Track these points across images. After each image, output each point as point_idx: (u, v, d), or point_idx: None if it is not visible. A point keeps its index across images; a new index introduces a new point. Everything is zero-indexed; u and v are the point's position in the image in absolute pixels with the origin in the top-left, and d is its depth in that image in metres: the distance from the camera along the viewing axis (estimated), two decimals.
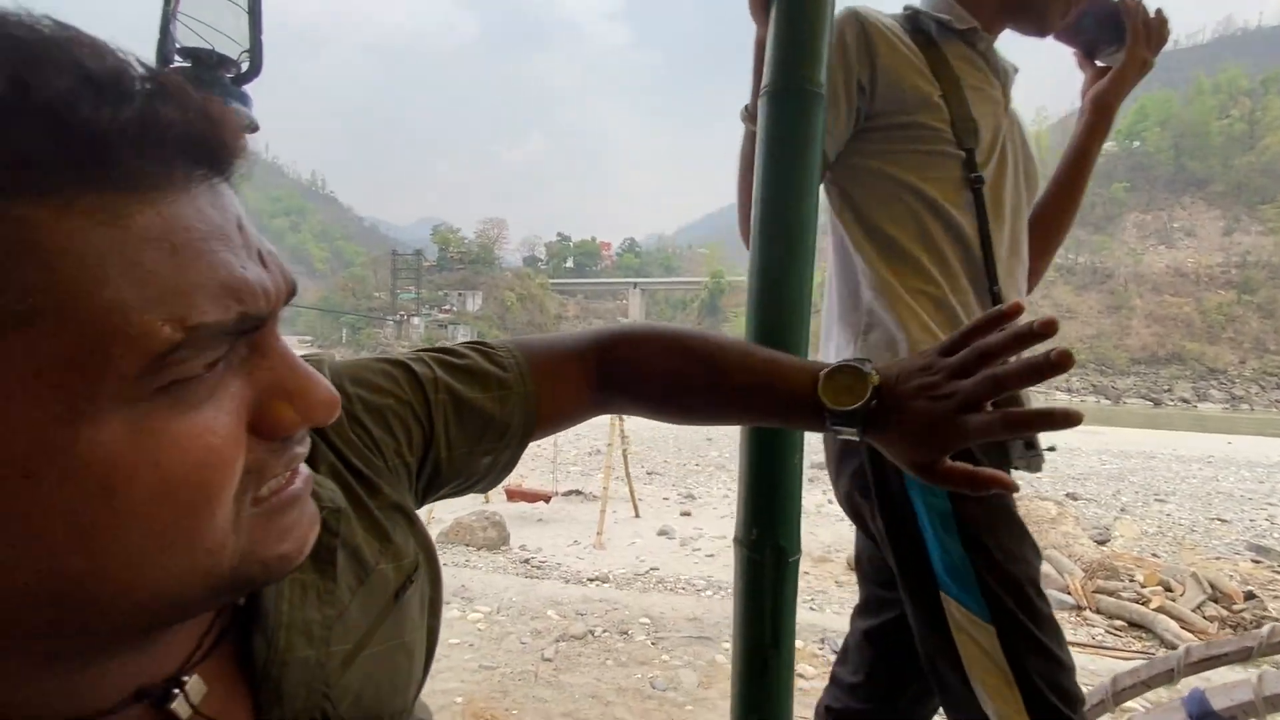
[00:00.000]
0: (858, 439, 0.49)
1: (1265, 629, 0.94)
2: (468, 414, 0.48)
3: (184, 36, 0.82)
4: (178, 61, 0.82)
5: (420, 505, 0.49)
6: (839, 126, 0.91)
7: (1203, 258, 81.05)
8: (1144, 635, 4.41)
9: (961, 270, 0.95)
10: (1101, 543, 6.85)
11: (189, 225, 0.23)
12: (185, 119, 0.24)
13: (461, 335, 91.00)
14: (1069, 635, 3.44)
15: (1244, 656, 0.92)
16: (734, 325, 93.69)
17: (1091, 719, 0.91)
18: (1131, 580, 5.56)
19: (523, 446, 0.53)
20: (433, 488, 0.49)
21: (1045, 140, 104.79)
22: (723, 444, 14.66)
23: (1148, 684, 0.88)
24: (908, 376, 0.47)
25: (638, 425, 11.71)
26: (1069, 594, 5.08)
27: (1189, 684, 0.92)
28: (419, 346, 0.52)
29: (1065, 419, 0.44)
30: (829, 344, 1.10)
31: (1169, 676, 0.89)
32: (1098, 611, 4.87)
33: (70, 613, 0.24)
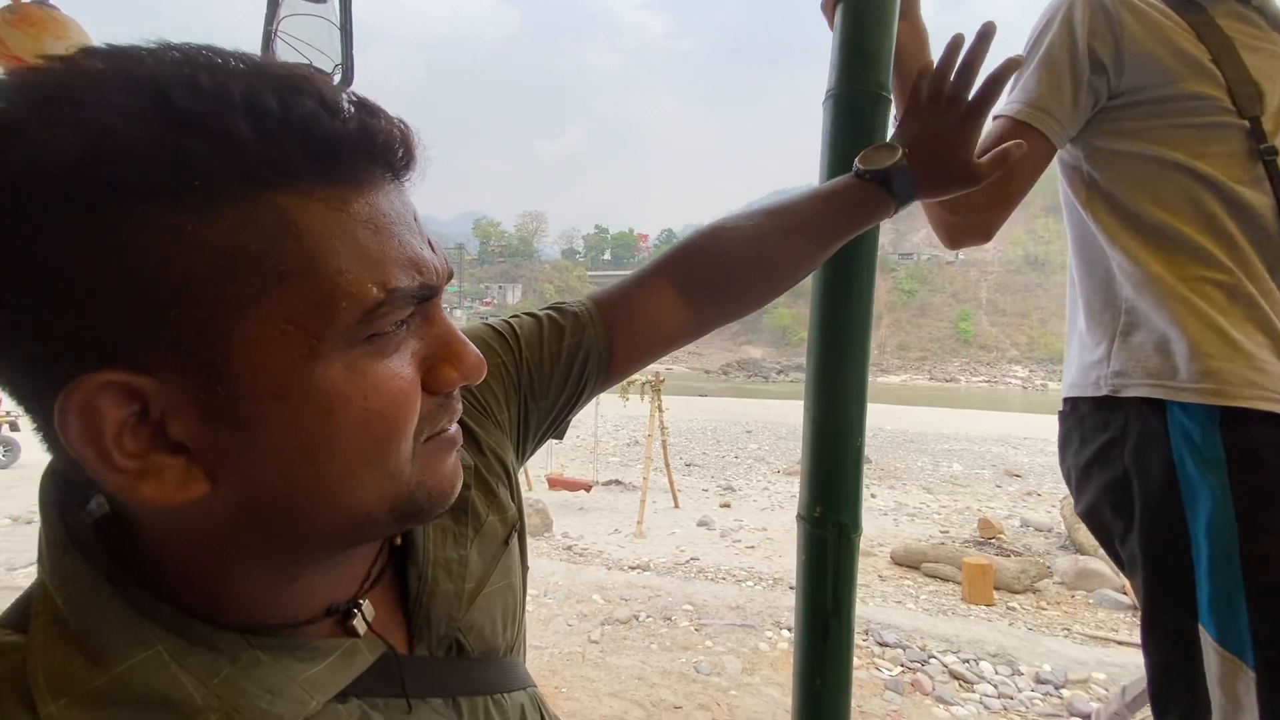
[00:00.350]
0: (911, 190, 0.60)
1: None
2: (551, 361, 0.54)
3: (284, 53, 0.90)
4: None
5: (522, 458, 0.55)
6: (1067, 112, 0.83)
7: None
8: None
9: (1256, 255, 0.81)
10: None
11: (387, 212, 0.30)
12: (387, 131, 0.30)
13: None
14: None
15: None
16: (774, 316, 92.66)
17: (1143, 702, 0.91)
18: None
19: (602, 388, 0.58)
20: (528, 440, 0.55)
21: None
22: (761, 437, 14.58)
23: None
24: (924, 120, 0.60)
25: (676, 417, 11.72)
26: (1125, 595, 4.91)
27: None
28: (504, 315, 0.57)
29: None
30: (1073, 352, 0.96)
31: None
32: None
33: (295, 518, 0.31)
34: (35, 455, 8.44)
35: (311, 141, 0.27)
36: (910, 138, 0.59)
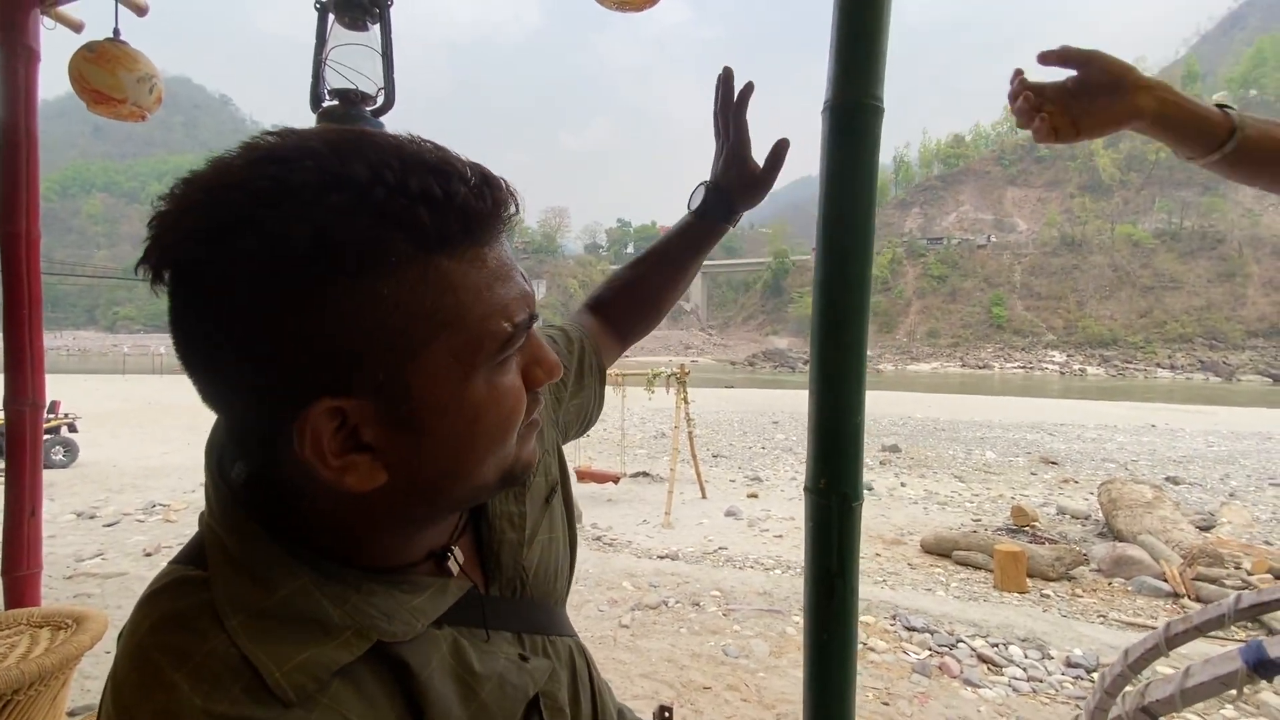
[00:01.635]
0: (730, 208, 0.79)
1: None
2: (569, 360, 0.69)
3: (333, 79, 0.99)
4: (328, 100, 0.99)
5: (564, 440, 0.68)
6: None
7: None
8: (1249, 625, 4.15)
9: None
10: (1205, 529, 6.41)
11: (504, 262, 0.39)
12: (503, 200, 0.39)
13: None
14: (1233, 624, 3.32)
15: None
16: (800, 305, 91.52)
17: (1144, 662, 0.94)
18: (1237, 568, 5.20)
19: (604, 383, 0.75)
20: (567, 425, 0.69)
21: None
22: (789, 427, 14.51)
23: (1200, 629, 0.91)
24: (717, 168, 0.80)
25: (702, 409, 11.75)
26: (1165, 581, 4.82)
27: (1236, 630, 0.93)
28: None
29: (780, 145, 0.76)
30: None
31: (1220, 622, 0.91)
32: (1197, 599, 4.60)
33: (438, 496, 0.41)
34: (91, 454, 8.87)
35: (466, 219, 0.36)
36: (718, 169, 0.80)
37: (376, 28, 1.01)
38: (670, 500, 6.60)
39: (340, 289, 0.33)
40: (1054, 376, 57.19)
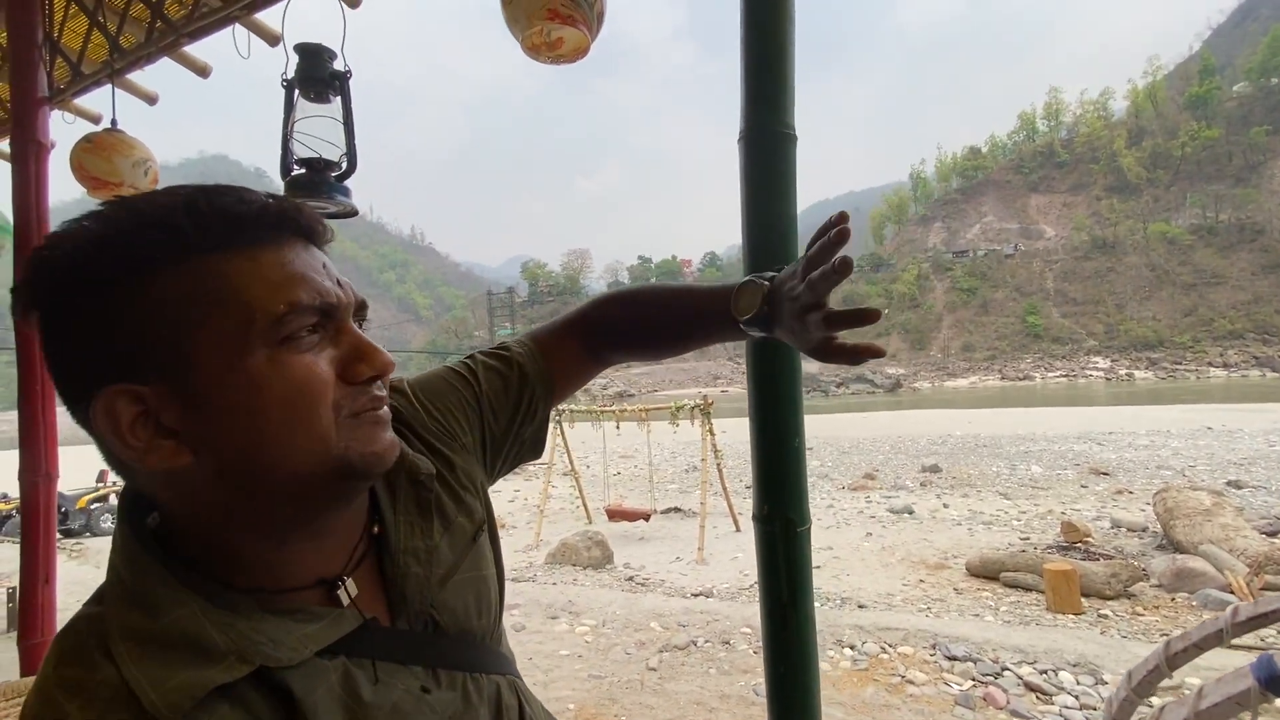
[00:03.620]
0: (767, 335, 0.60)
1: None
2: (503, 393, 0.67)
3: (299, 149, 1.05)
4: (297, 170, 1.05)
5: (493, 478, 0.67)
6: None
7: None
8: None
9: None
10: (1272, 534, 6.01)
11: (292, 260, 0.44)
12: (284, 211, 0.44)
13: None
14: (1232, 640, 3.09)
15: None
16: None
17: (1149, 684, 0.87)
18: None
19: (549, 409, 0.70)
20: (497, 458, 0.67)
21: (1161, 92, 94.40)
22: (823, 453, 14.21)
23: (1199, 646, 0.84)
24: (782, 284, 0.58)
25: (731, 440, 11.62)
26: (1231, 593, 4.52)
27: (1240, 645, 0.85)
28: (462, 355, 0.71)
29: (868, 316, 0.53)
30: None
31: (1219, 638, 0.85)
32: None
33: (255, 477, 0.42)
34: None
35: (228, 221, 0.42)
36: (775, 299, 0.59)
37: (338, 99, 1.07)
38: (702, 535, 6.48)
39: (113, 288, 0.39)
40: (1100, 383, 55.10)
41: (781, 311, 0.57)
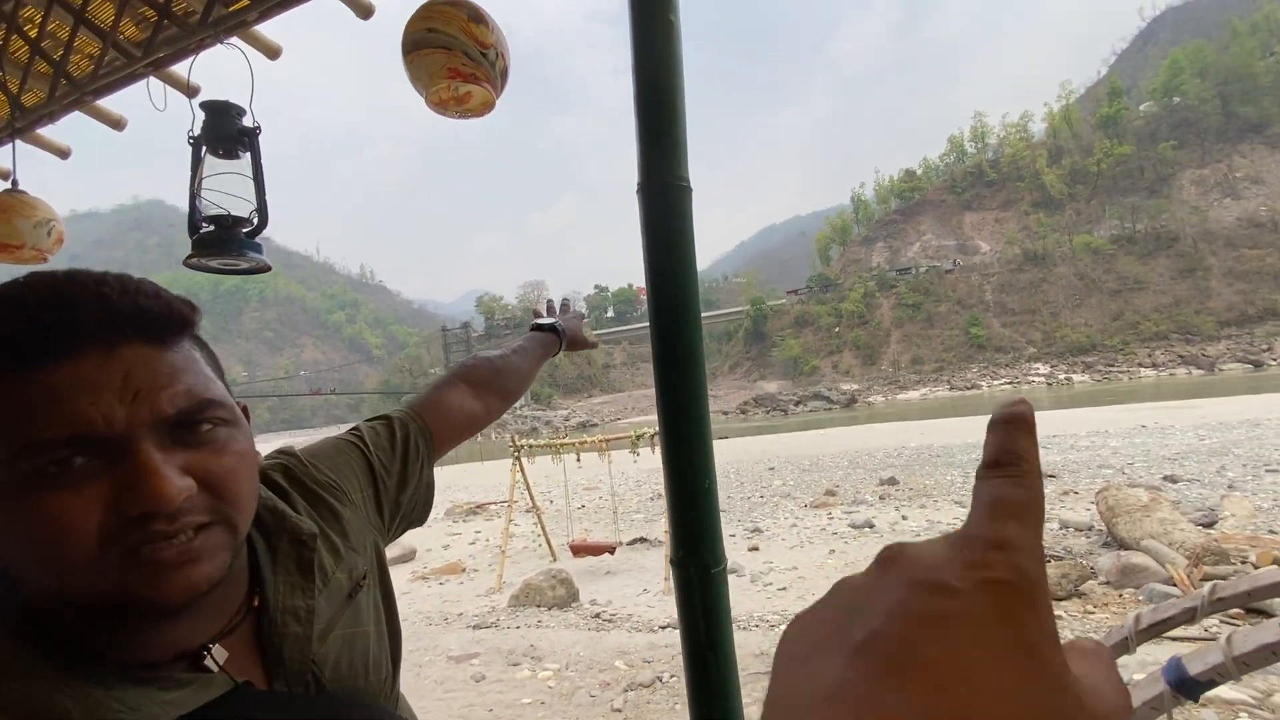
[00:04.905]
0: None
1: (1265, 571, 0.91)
2: (389, 450, 0.71)
3: (207, 207, 1.03)
4: (205, 228, 1.03)
5: (391, 535, 0.70)
6: None
7: (1277, 203, 75.51)
8: (1263, 618, 4.04)
9: None
10: (1207, 525, 6.33)
11: (56, 382, 0.40)
12: (66, 320, 0.41)
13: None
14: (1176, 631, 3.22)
15: (1274, 593, 0.90)
16: (782, 349, 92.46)
17: (1113, 656, 0.90)
18: (1244, 562, 5.12)
19: (433, 462, 0.76)
20: (393, 514, 0.70)
21: (1075, 113, 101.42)
22: (785, 472, 14.35)
23: (1170, 621, 0.88)
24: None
25: None
26: (1173, 585, 4.72)
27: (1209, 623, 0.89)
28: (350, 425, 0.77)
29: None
30: None
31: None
32: None
33: (36, 594, 0.43)
34: None
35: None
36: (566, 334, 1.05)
37: (248, 155, 1.06)
38: (669, 565, 6.41)
39: None
40: (1042, 388, 57.61)
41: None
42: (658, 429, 0.67)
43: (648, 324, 0.67)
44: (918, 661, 0.15)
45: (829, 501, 10.06)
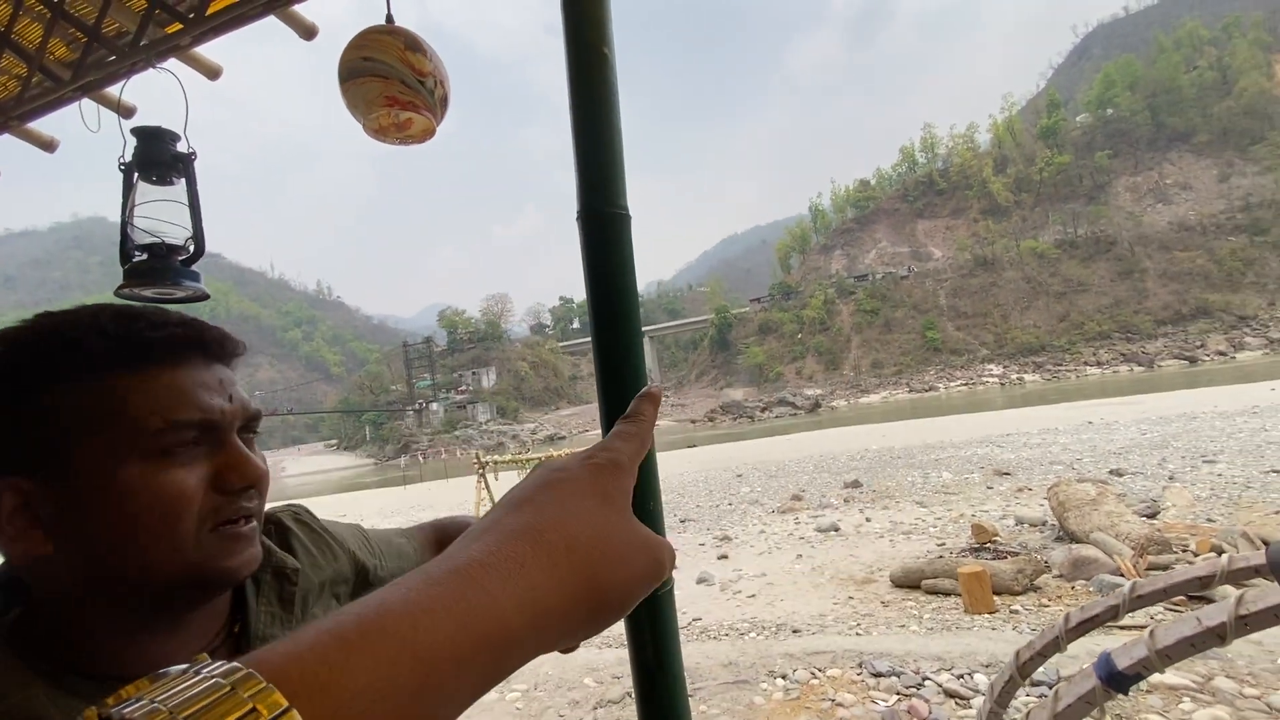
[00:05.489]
0: None
1: (1225, 558, 0.96)
2: (389, 543, 0.78)
3: (139, 236, 0.99)
4: (138, 256, 0.99)
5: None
6: None
7: (1204, 208, 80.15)
8: (1204, 604, 4.23)
9: None
10: (1151, 516, 6.62)
11: (184, 379, 0.48)
12: (195, 337, 0.50)
13: (481, 413, 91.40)
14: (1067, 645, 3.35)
15: (1205, 585, 0.95)
16: (747, 356, 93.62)
17: (1007, 695, 0.94)
18: (1185, 550, 5.37)
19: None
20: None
21: (1017, 124, 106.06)
22: (752, 479, 14.49)
23: (1042, 654, 0.92)
24: None
25: (668, 472, 11.62)
26: (1121, 575, 4.92)
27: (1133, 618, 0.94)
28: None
29: None
30: None
31: (1055, 645, 0.93)
32: None
33: (112, 576, 0.45)
34: None
35: (133, 346, 0.47)
36: None
37: (183, 181, 1.03)
38: None
39: (17, 393, 0.44)
40: (996, 389, 59.61)
41: None
42: None
43: None
44: (533, 501, 0.29)
45: (796, 506, 10.19)
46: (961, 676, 2.75)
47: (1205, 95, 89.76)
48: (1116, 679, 0.77)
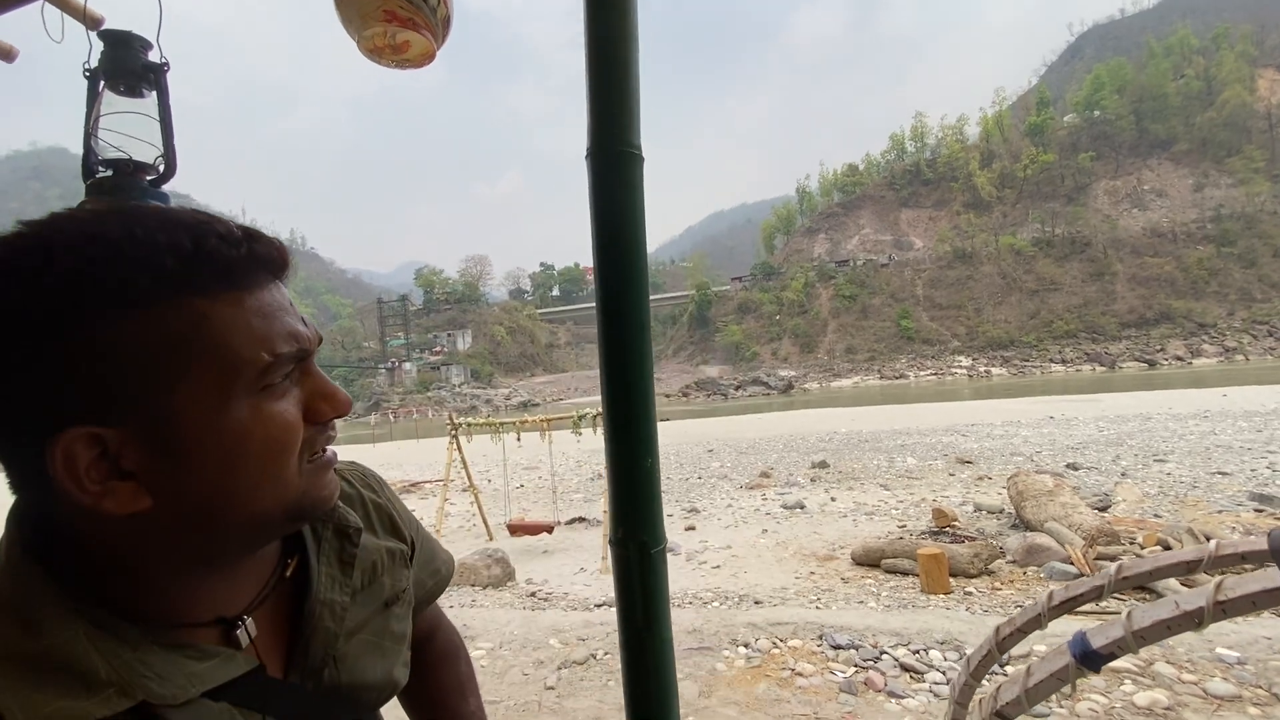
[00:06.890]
0: None
1: (1214, 543, 0.97)
2: (421, 582, 0.69)
3: (104, 149, 0.92)
4: (101, 172, 0.92)
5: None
6: None
7: (1177, 216, 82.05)
8: (1149, 595, 4.44)
9: None
10: (1102, 509, 6.88)
11: (270, 303, 0.43)
12: (268, 252, 0.44)
13: (455, 375, 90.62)
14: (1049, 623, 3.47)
15: (1191, 569, 0.97)
16: (725, 334, 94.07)
17: (983, 669, 0.97)
18: (1132, 543, 5.60)
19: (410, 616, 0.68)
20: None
21: (1006, 120, 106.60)
22: (723, 454, 14.68)
23: (1023, 630, 0.94)
24: None
25: None
26: (1071, 564, 5.12)
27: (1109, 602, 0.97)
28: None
29: None
30: None
31: (1038, 621, 0.95)
32: None
33: (214, 522, 0.42)
34: None
35: (218, 266, 0.40)
36: None
37: (154, 94, 0.95)
38: (606, 544, 6.46)
39: (84, 326, 0.37)
40: (964, 380, 61.01)
41: None
42: (601, 407, 0.65)
43: (593, 304, 0.63)
44: None
45: (763, 483, 10.36)
46: (917, 652, 2.85)
47: (1189, 104, 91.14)
48: (1090, 657, 0.78)
